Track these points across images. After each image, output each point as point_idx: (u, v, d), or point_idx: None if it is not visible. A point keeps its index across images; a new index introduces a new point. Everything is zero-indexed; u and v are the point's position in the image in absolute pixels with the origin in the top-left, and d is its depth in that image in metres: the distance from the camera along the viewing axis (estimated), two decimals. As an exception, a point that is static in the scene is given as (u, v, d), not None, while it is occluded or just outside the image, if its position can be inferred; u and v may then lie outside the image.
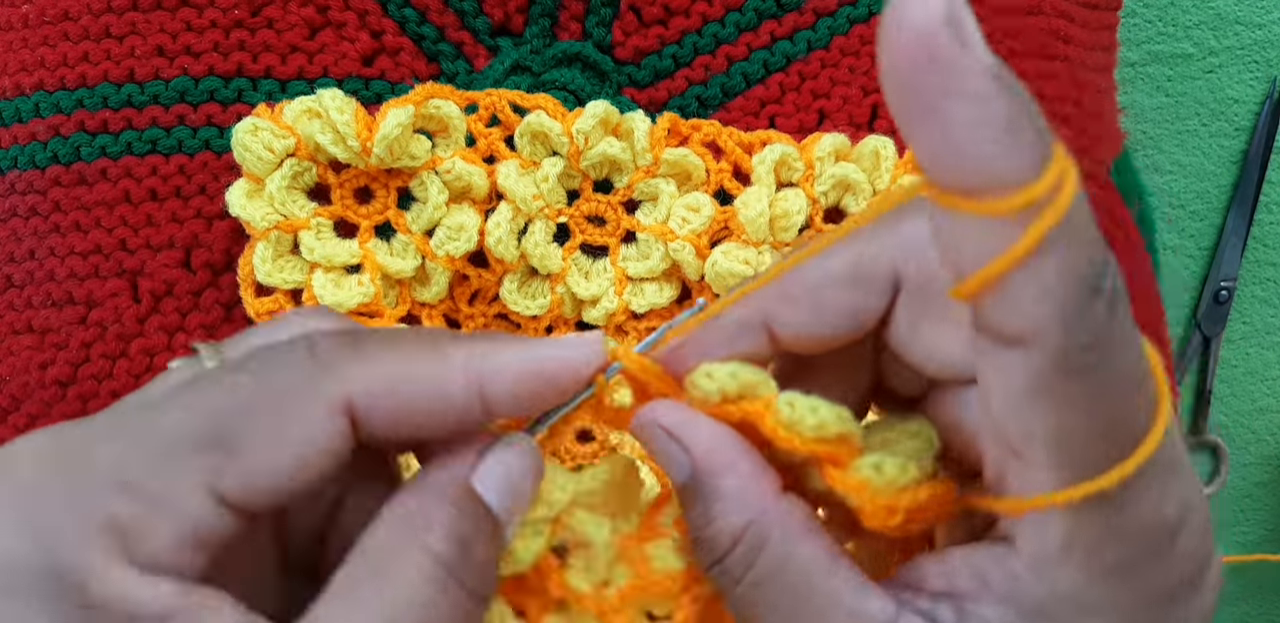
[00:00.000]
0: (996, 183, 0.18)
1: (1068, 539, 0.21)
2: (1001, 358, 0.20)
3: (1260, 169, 0.63)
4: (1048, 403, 0.20)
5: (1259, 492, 0.69)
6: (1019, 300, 0.19)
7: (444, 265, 0.38)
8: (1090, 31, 0.47)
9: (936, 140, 0.18)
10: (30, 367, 0.38)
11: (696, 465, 0.24)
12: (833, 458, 0.24)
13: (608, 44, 0.41)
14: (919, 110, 0.18)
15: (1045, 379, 0.19)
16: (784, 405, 0.24)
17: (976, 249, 0.19)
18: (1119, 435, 0.20)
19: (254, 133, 0.37)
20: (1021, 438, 0.20)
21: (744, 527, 0.24)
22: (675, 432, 0.25)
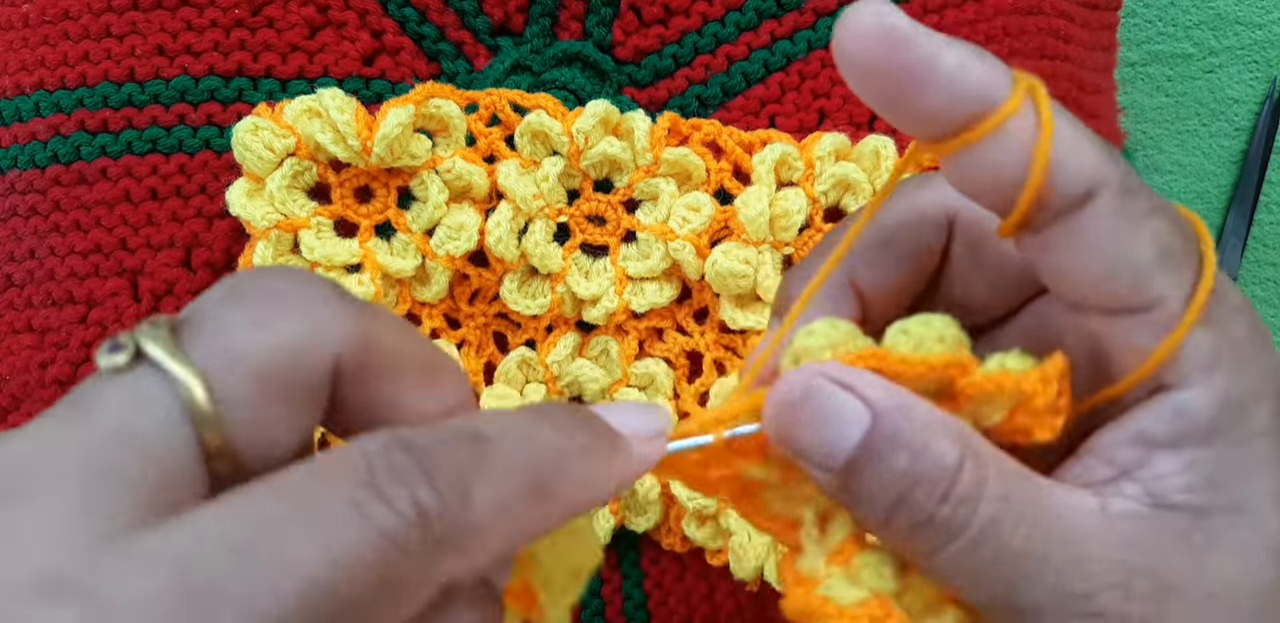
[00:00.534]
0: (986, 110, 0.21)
1: (1213, 338, 0.23)
2: (1084, 216, 0.22)
3: (1260, 169, 0.63)
4: (1136, 227, 0.22)
5: (1259, 492, 0.69)
6: (1070, 167, 0.22)
7: (444, 265, 0.38)
8: (1090, 31, 0.47)
9: (929, 96, 0.21)
10: (30, 366, 0.38)
11: (881, 409, 0.22)
12: (960, 368, 0.23)
13: (608, 43, 0.41)
14: (897, 81, 0.21)
15: (1123, 206, 0.22)
16: (899, 334, 0.23)
17: (1003, 160, 0.22)
18: (1189, 228, 0.23)
19: (254, 132, 0.37)
20: (1133, 271, 0.22)
21: (960, 452, 0.22)
22: (845, 380, 0.23)
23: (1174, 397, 0.23)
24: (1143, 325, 0.23)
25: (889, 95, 0.22)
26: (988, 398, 0.23)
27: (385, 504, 0.18)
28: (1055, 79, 0.44)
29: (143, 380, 0.19)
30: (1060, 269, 0.23)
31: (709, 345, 0.40)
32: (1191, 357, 0.23)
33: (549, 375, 0.40)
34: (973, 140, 0.21)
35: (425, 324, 0.40)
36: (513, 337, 0.41)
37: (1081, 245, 0.22)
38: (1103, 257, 0.22)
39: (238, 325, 0.20)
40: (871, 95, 0.22)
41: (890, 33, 0.21)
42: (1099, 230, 0.22)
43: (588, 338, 0.41)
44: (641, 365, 0.40)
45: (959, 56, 0.21)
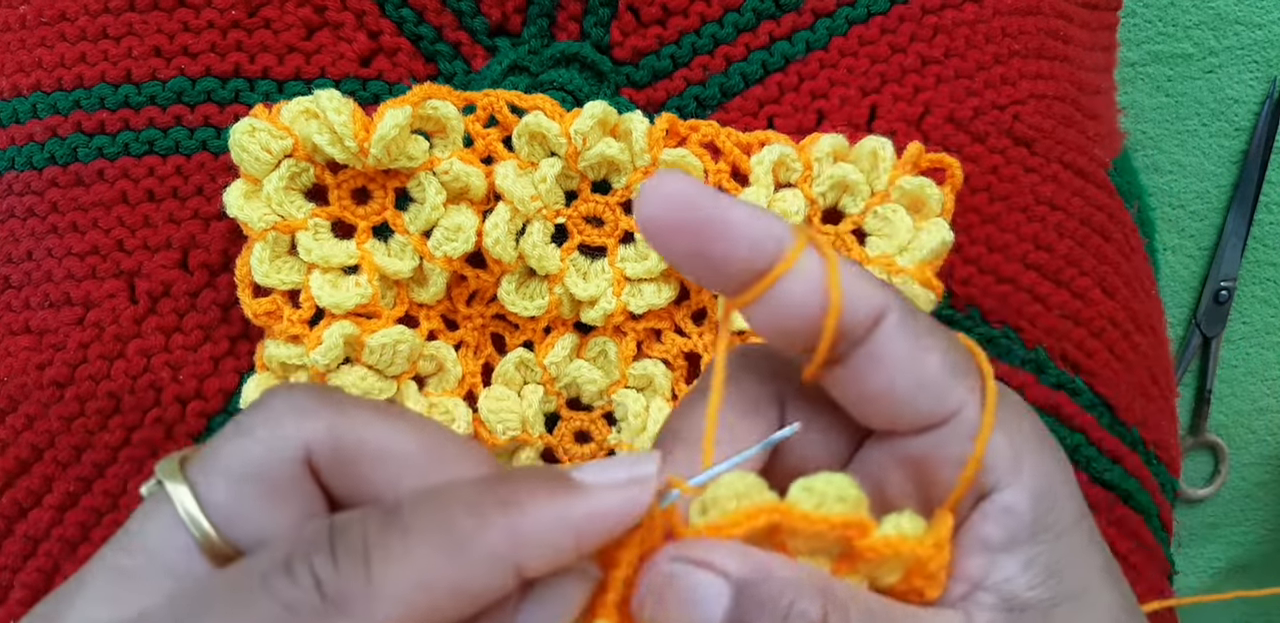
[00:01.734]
0: (776, 254, 0.23)
1: (1009, 438, 0.25)
2: (878, 340, 0.24)
3: (1260, 169, 0.62)
4: (924, 346, 0.24)
5: (1259, 492, 0.69)
6: (860, 293, 0.24)
7: (442, 266, 0.38)
8: (1090, 31, 0.47)
9: (738, 245, 0.23)
10: (28, 368, 0.38)
11: (739, 579, 0.23)
12: (859, 529, 0.24)
13: (606, 44, 0.41)
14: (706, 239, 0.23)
15: (910, 326, 0.24)
16: (801, 491, 0.24)
17: (801, 302, 0.24)
18: (965, 346, 0.26)
19: (251, 133, 0.37)
20: (928, 383, 0.24)
21: (822, 605, 0.23)
22: (700, 559, 0.23)
23: (995, 500, 0.25)
24: (950, 437, 0.25)
25: (693, 249, 0.23)
26: (884, 561, 0.24)
27: (288, 578, 0.21)
28: (1054, 79, 0.44)
29: (155, 499, 0.24)
30: (867, 395, 0.25)
31: (707, 347, 0.40)
32: (997, 459, 0.25)
33: (547, 377, 0.40)
34: (772, 280, 0.23)
35: (423, 325, 0.39)
36: (510, 338, 0.41)
37: (881, 367, 0.24)
38: (902, 374, 0.24)
39: (221, 439, 0.24)
40: (677, 251, 0.24)
41: (686, 195, 0.23)
42: (893, 350, 0.24)
43: (586, 339, 0.41)
44: (640, 366, 0.40)
45: (746, 211, 0.23)
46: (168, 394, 0.38)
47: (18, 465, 0.39)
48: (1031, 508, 0.25)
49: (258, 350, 0.39)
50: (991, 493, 0.25)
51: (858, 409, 0.26)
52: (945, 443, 0.25)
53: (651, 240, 0.24)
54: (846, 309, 0.24)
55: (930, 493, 0.26)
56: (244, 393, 0.38)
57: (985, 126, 0.42)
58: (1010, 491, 0.25)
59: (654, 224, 0.24)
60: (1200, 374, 0.66)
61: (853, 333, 0.24)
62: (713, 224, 0.23)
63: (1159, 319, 0.48)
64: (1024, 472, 0.25)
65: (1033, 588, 0.25)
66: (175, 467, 0.24)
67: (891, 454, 0.26)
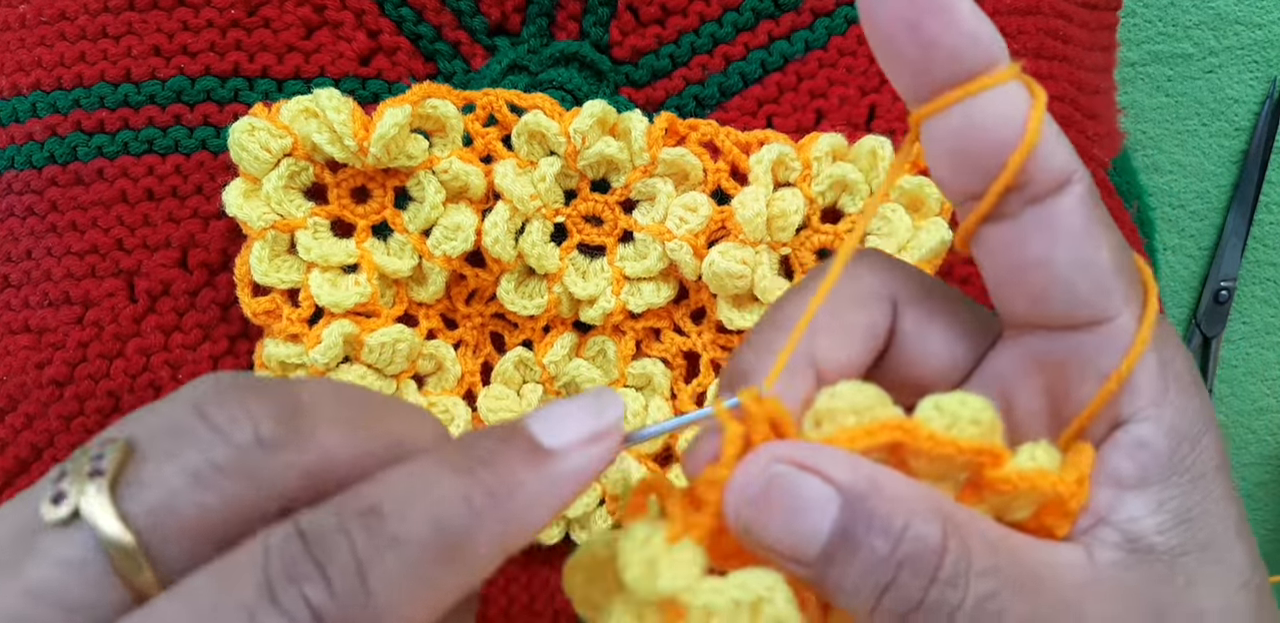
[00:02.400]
0: (993, 62, 0.22)
1: (1160, 365, 0.23)
2: (1056, 208, 0.22)
3: (1260, 169, 0.62)
4: (1098, 233, 0.22)
5: (1259, 492, 0.69)
6: (1052, 149, 0.22)
7: (441, 265, 0.38)
8: (1089, 31, 0.47)
9: (952, 34, 0.22)
10: (27, 367, 0.38)
11: (851, 491, 0.21)
12: (992, 457, 0.22)
13: (605, 44, 0.41)
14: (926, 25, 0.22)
15: (1090, 207, 0.22)
16: (932, 410, 0.22)
17: (998, 120, 0.22)
18: (1129, 256, 0.24)
19: (251, 132, 0.37)
20: (1094, 275, 0.23)
21: (942, 528, 0.21)
22: (808, 464, 0.22)
23: (1131, 431, 0.23)
24: (1098, 346, 0.23)
25: (912, 24, 0.22)
26: (1018, 495, 0.22)
27: (277, 610, 0.19)
28: (1054, 79, 0.44)
29: (77, 537, 0.20)
30: (1023, 264, 0.23)
31: (706, 346, 0.40)
32: (1143, 385, 0.23)
33: (546, 376, 0.40)
34: (973, 91, 0.22)
35: (422, 324, 0.39)
36: (510, 337, 0.41)
37: (1050, 234, 0.22)
38: (1069, 248, 0.22)
39: (177, 480, 0.20)
40: (894, 30, 0.22)
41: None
42: (1071, 222, 0.22)
43: (585, 338, 0.41)
44: (639, 365, 0.40)
45: (971, 8, 0.22)
46: (167, 393, 0.38)
47: (17, 465, 0.39)
48: (1169, 446, 0.23)
49: (257, 349, 0.39)
50: (1128, 423, 0.23)
51: (1005, 284, 0.24)
52: (1091, 352, 0.23)
53: (870, 22, 0.22)
54: (1039, 155, 0.22)
55: (1062, 412, 0.24)
56: None
57: (984, 126, 0.42)
58: (1149, 424, 0.23)
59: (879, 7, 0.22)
60: (1200, 374, 0.66)
61: (1034, 186, 0.22)
62: (945, 12, 0.22)
63: (1158, 319, 0.48)
64: (1168, 406, 0.23)
65: (1161, 532, 0.23)
66: (105, 499, 0.20)
67: (1026, 357, 0.24)
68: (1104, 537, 0.23)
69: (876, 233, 0.39)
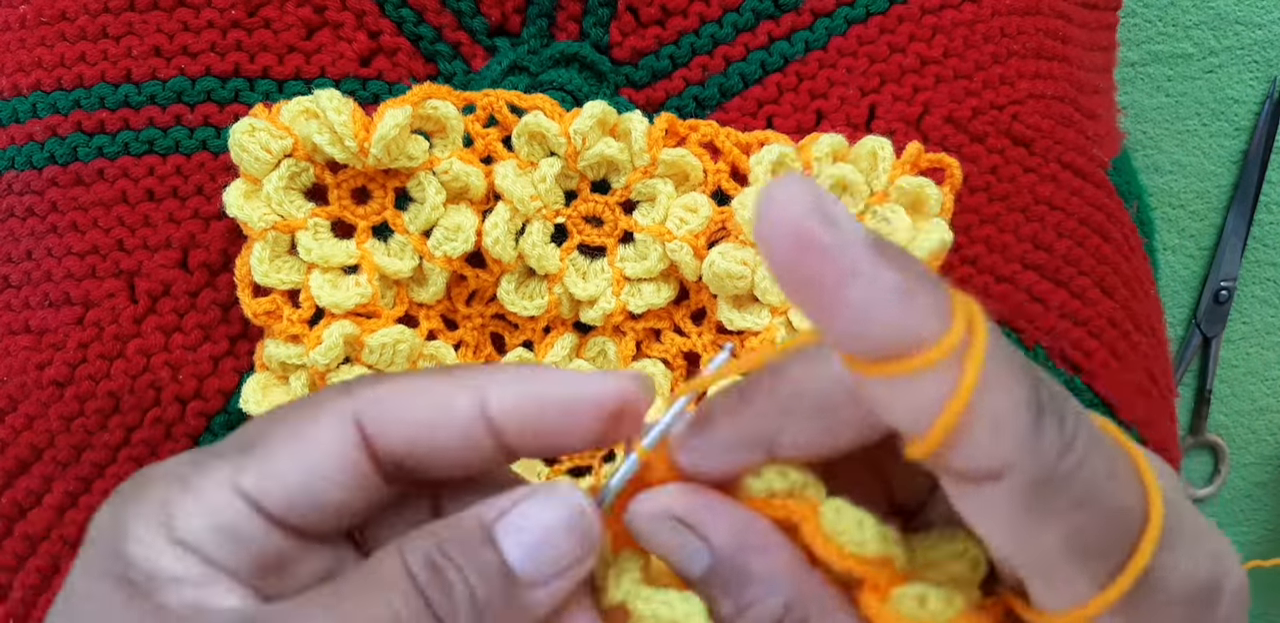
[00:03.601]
0: (910, 346, 0.19)
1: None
2: (982, 496, 0.20)
3: (1260, 169, 0.62)
4: (1044, 520, 0.20)
5: (1259, 492, 0.69)
6: (977, 444, 0.19)
7: (441, 266, 0.38)
8: (1089, 32, 0.47)
9: (840, 322, 0.19)
10: (27, 367, 0.38)
11: (719, 551, 0.23)
12: (872, 581, 0.22)
13: (605, 44, 0.41)
14: (813, 297, 0.19)
15: (1031, 500, 0.20)
16: (830, 511, 0.22)
17: (913, 408, 0.19)
18: (1124, 521, 0.20)
19: (251, 133, 0.37)
20: (1035, 560, 0.21)
21: (782, 609, 0.22)
22: (689, 519, 0.23)
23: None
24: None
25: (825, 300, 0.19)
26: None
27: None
28: (1054, 79, 0.44)
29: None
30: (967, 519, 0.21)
31: (706, 346, 0.40)
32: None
33: (546, 377, 0.40)
34: (910, 370, 0.19)
35: (422, 325, 0.39)
36: (510, 338, 0.41)
37: (983, 521, 0.21)
38: (1000, 544, 0.21)
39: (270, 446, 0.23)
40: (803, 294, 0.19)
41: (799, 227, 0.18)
42: (994, 518, 0.20)
43: (585, 339, 0.41)
44: (639, 366, 0.40)
45: (896, 276, 0.19)
46: (167, 394, 0.38)
47: (17, 465, 0.39)
48: None
49: (257, 350, 0.39)
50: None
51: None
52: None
53: (776, 267, 0.19)
54: (959, 457, 0.19)
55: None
56: (243, 393, 0.38)
57: (984, 127, 0.42)
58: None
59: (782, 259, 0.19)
60: (1200, 374, 0.66)
61: (958, 474, 0.20)
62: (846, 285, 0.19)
63: (1158, 319, 0.48)
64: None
65: None
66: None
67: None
68: None
69: (877, 233, 0.39)
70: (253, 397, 0.38)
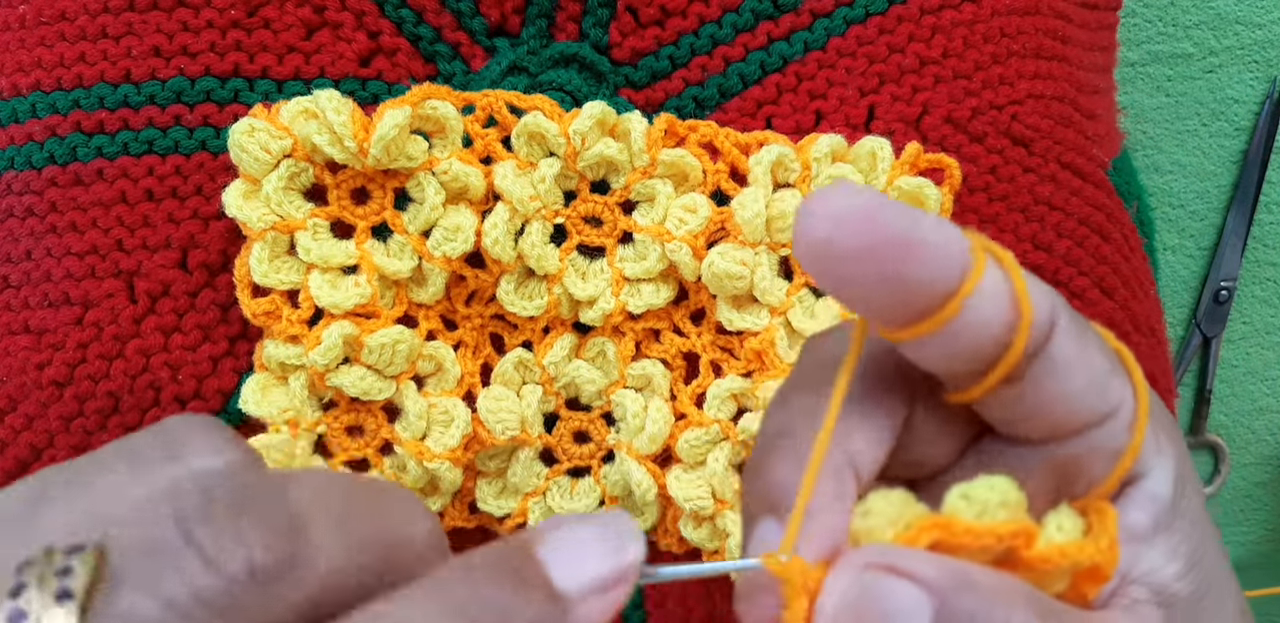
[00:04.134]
0: (962, 279, 0.21)
1: (1151, 419, 0.23)
2: (1054, 350, 0.22)
3: (1260, 169, 0.62)
4: (1088, 338, 0.23)
5: (1259, 492, 0.69)
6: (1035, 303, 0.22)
7: (441, 266, 0.38)
8: (1089, 32, 0.47)
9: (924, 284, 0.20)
10: (27, 367, 0.38)
11: (943, 591, 0.20)
12: (1026, 537, 0.22)
13: (604, 45, 0.41)
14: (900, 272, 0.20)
15: (1076, 328, 0.22)
16: (960, 500, 0.21)
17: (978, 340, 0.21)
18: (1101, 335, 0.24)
19: (250, 133, 0.37)
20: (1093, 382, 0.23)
21: (1039, 620, 0.21)
22: (897, 567, 0.21)
23: (1143, 486, 0.24)
24: (1105, 432, 0.23)
25: (878, 275, 0.20)
26: (1058, 570, 0.22)
27: None
28: (1054, 79, 0.44)
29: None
30: (1038, 408, 0.22)
31: (705, 347, 0.40)
32: (1145, 445, 0.23)
33: (545, 377, 0.40)
34: (951, 315, 0.20)
35: (422, 325, 0.39)
36: (509, 338, 0.41)
37: (1059, 376, 0.22)
38: (1078, 379, 0.22)
39: (156, 613, 0.18)
40: (856, 279, 0.20)
41: (867, 211, 0.20)
42: (1069, 356, 0.22)
43: (585, 339, 0.41)
44: (638, 367, 0.40)
45: (933, 223, 0.20)
46: (167, 394, 0.38)
47: (17, 466, 0.39)
48: (1173, 492, 0.24)
49: (257, 350, 0.39)
50: (1139, 479, 0.24)
51: (1019, 424, 0.23)
52: (1100, 438, 0.23)
53: (819, 268, 0.20)
54: (1030, 318, 0.21)
55: (1072, 485, 0.24)
56: (243, 393, 0.38)
57: (983, 127, 0.42)
58: (1156, 475, 0.24)
59: (826, 248, 0.20)
60: (1200, 374, 0.66)
61: (1033, 345, 0.22)
62: (904, 244, 0.20)
63: (1158, 319, 0.48)
64: (1165, 455, 0.24)
65: (1180, 579, 0.23)
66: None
67: (1032, 458, 0.24)
68: (1137, 596, 0.23)
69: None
70: (252, 397, 0.38)
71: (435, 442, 0.39)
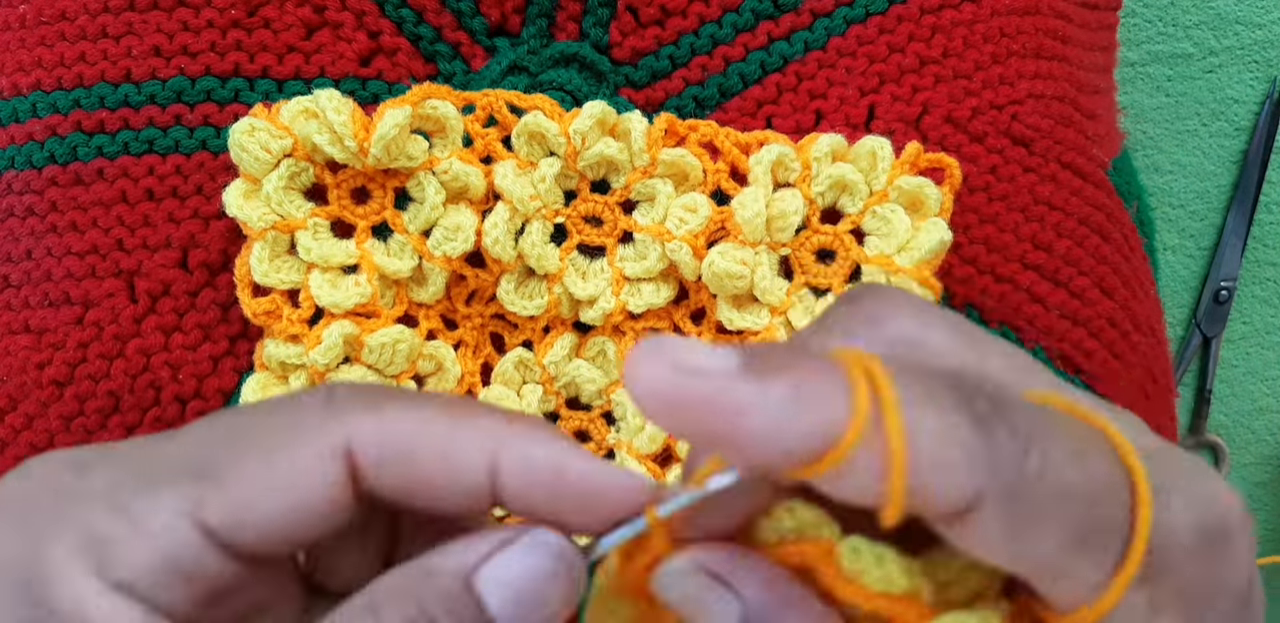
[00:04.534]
0: (831, 440, 0.18)
1: (1150, 598, 0.21)
2: (968, 528, 0.19)
3: (1260, 169, 0.62)
4: (1035, 529, 0.19)
5: (1259, 492, 0.69)
6: (939, 489, 0.19)
7: (441, 266, 0.38)
8: (1089, 32, 0.47)
9: (755, 455, 0.19)
10: (27, 367, 0.38)
11: (750, 609, 0.21)
12: (901, 619, 0.21)
13: (605, 45, 0.41)
14: (724, 445, 0.19)
15: (1014, 515, 0.19)
16: (848, 552, 0.21)
17: (861, 488, 0.19)
18: (1112, 496, 0.20)
19: (251, 133, 0.37)
20: (1042, 568, 0.20)
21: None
22: (721, 572, 0.21)
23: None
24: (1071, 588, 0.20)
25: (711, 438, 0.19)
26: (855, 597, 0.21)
27: None
28: (1054, 79, 0.44)
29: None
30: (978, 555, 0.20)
31: (706, 346, 0.40)
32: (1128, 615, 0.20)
33: (546, 376, 0.40)
34: (836, 463, 0.18)
35: (422, 325, 0.40)
36: (510, 337, 0.41)
37: (979, 547, 0.20)
38: (1005, 560, 0.20)
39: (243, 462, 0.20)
40: (691, 435, 0.19)
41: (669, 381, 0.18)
42: (990, 540, 0.20)
43: (585, 339, 0.41)
44: (638, 366, 0.40)
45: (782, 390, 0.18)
46: (167, 394, 0.38)
47: (17, 465, 0.39)
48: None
49: (257, 350, 0.39)
50: None
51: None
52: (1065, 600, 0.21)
53: (658, 422, 0.19)
54: (925, 505, 0.19)
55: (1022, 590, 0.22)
56: (243, 392, 0.38)
57: (983, 126, 0.42)
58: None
59: (654, 419, 0.19)
60: (1200, 374, 0.66)
61: (937, 517, 0.20)
62: (727, 420, 0.18)
63: (1158, 319, 0.48)
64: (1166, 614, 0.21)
65: None
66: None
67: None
68: None
69: (876, 233, 0.39)
70: (252, 396, 0.38)
71: (435, 441, 0.39)
